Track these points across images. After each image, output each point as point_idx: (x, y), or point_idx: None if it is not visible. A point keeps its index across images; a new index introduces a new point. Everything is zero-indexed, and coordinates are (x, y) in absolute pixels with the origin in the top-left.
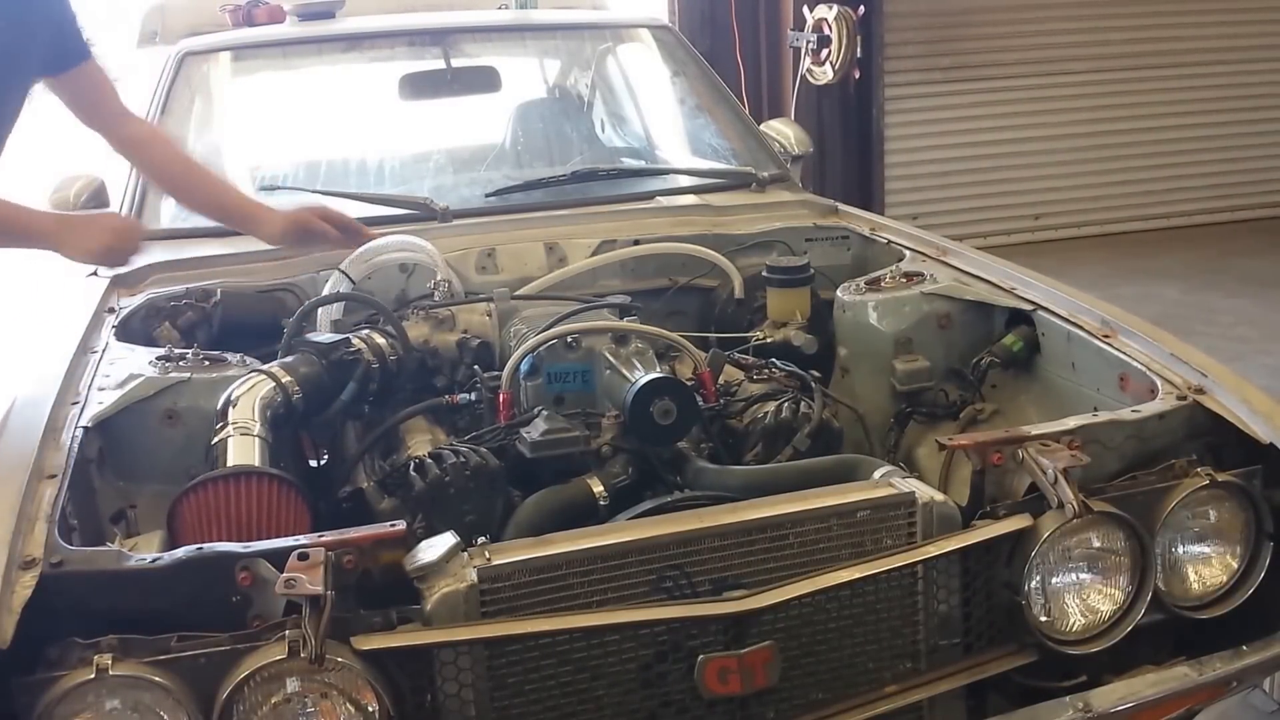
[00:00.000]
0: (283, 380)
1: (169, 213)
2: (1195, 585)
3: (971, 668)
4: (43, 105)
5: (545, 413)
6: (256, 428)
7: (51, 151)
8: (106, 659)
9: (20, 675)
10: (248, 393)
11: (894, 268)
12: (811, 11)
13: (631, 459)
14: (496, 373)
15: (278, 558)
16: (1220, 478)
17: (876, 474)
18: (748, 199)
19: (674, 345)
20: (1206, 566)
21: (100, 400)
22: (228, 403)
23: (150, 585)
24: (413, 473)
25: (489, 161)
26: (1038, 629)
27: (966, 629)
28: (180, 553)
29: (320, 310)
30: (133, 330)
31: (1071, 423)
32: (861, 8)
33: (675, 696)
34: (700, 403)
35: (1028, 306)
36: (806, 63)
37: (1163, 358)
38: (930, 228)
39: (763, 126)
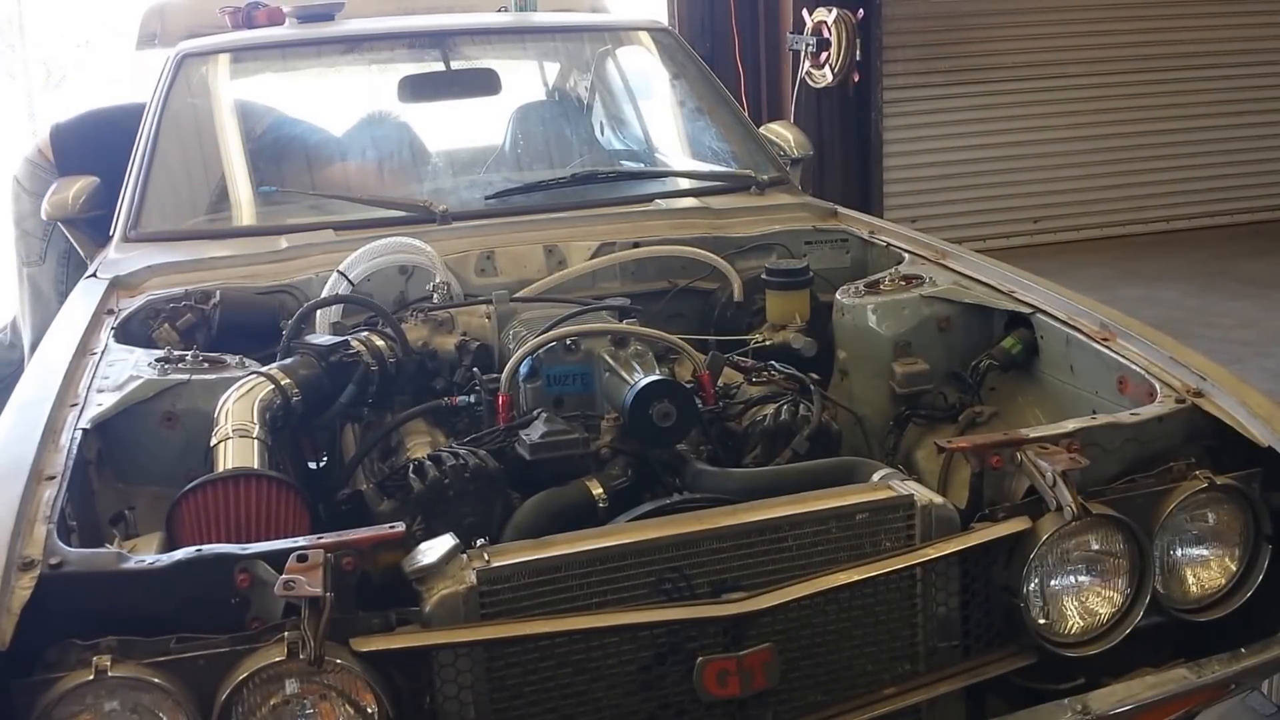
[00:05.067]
0: (282, 382)
1: (168, 215)
2: (1194, 588)
3: (970, 670)
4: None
5: (544, 415)
6: (255, 430)
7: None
8: (105, 660)
9: (19, 676)
10: (246, 395)
11: (893, 270)
12: (811, 14)
13: (631, 461)
14: (496, 375)
15: (277, 559)
16: (1219, 480)
17: (875, 476)
18: (747, 201)
19: (673, 347)
20: (1205, 569)
21: (99, 402)
22: (226, 404)
23: (149, 587)
24: (412, 475)
25: (488, 164)
26: (1036, 631)
27: (965, 631)
28: (179, 554)
29: (319, 312)
30: (132, 332)
31: (1070, 425)
32: (861, 11)
33: (674, 698)
34: (699, 405)
35: (1026, 309)
36: (806, 66)
37: (1161, 360)
38: (929, 231)
39: (762, 129)
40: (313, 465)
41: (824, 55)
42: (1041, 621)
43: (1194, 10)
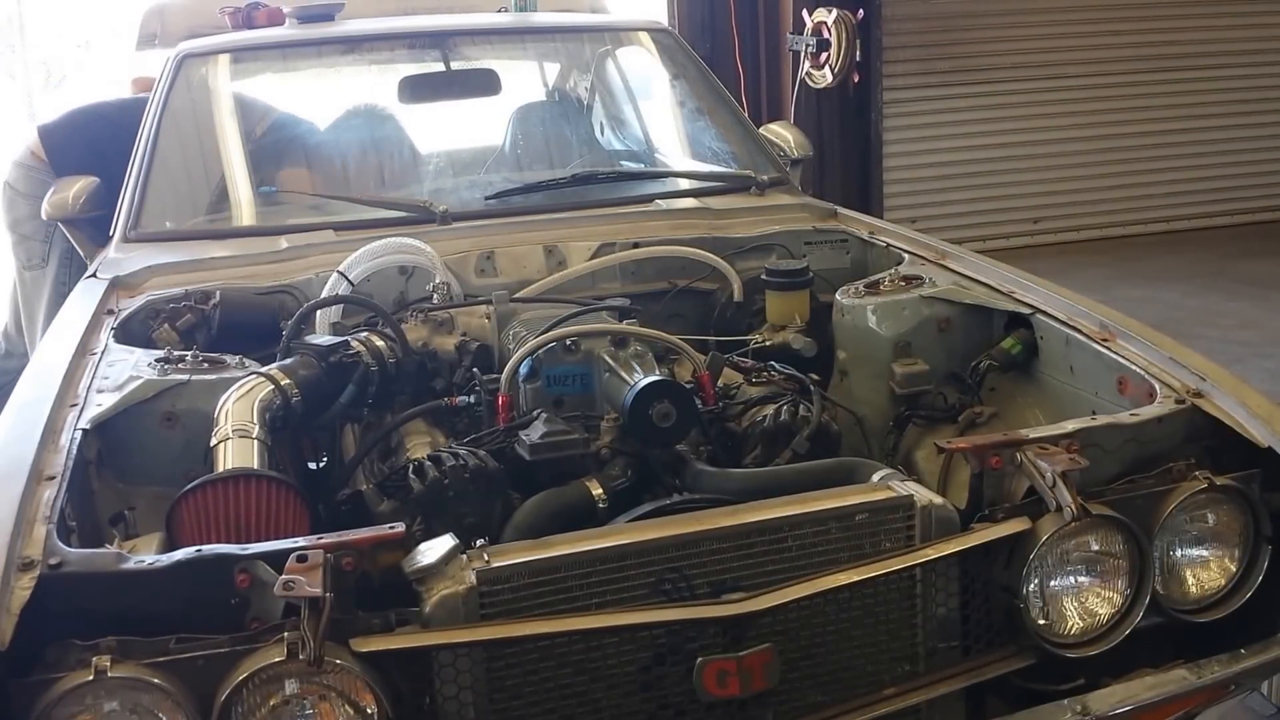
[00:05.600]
0: (281, 383)
1: (168, 215)
2: (1193, 588)
3: (970, 670)
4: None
5: (544, 415)
6: (255, 430)
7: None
8: (105, 660)
9: (19, 676)
10: (246, 395)
11: (893, 271)
12: (811, 15)
13: (630, 461)
14: (495, 375)
15: (276, 559)
16: (1219, 481)
17: (875, 477)
18: (747, 202)
19: (673, 348)
20: (1205, 570)
21: (99, 402)
22: (226, 405)
23: (149, 587)
24: (412, 475)
25: (488, 164)
26: (1036, 632)
27: (965, 632)
28: (179, 554)
29: (319, 312)
30: (132, 332)
31: (1070, 426)
32: (860, 11)
33: (674, 699)
34: (699, 405)
35: (1026, 310)
36: (806, 66)
37: (1161, 361)
38: (929, 231)
39: (762, 130)
40: (313, 465)
41: (824, 56)
42: (1041, 622)
43: (1195, 11)
